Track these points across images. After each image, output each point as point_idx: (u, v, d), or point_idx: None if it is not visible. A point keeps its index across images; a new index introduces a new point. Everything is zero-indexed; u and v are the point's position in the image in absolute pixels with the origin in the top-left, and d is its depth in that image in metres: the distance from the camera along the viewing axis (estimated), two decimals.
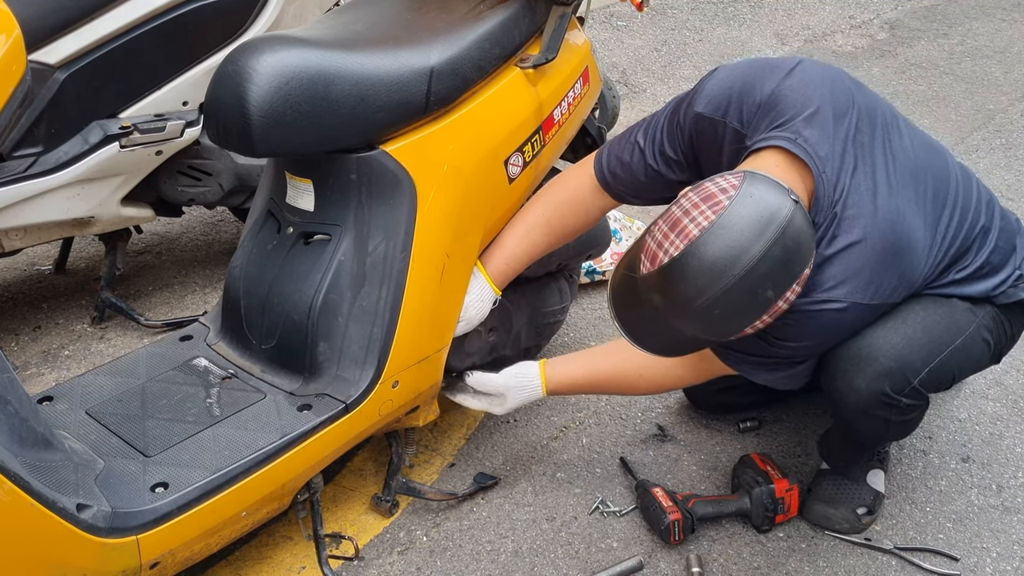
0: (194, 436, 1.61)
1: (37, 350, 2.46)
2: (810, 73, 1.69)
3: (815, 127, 1.62)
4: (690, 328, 1.51)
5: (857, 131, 1.65)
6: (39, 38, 2.11)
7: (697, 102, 1.74)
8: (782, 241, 1.44)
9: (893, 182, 1.63)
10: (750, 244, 1.43)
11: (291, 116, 1.58)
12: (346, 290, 1.71)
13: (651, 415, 2.23)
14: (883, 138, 1.67)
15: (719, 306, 1.45)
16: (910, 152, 1.69)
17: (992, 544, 1.89)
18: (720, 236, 1.43)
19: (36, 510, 1.29)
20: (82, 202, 2.28)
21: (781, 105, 1.64)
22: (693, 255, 1.44)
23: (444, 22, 1.82)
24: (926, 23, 4.91)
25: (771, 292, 1.46)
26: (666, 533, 1.85)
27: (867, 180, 1.61)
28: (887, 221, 1.60)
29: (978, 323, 1.75)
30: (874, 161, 1.64)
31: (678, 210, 1.49)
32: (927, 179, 1.69)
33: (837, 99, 1.66)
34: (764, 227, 1.43)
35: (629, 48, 4.55)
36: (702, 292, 1.44)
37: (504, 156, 1.86)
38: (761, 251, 1.42)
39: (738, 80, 1.71)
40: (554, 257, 2.07)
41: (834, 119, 1.63)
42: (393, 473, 1.95)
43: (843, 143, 1.62)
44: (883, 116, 1.70)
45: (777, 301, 1.47)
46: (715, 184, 1.49)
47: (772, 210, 1.44)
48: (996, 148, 3.57)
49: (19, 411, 1.35)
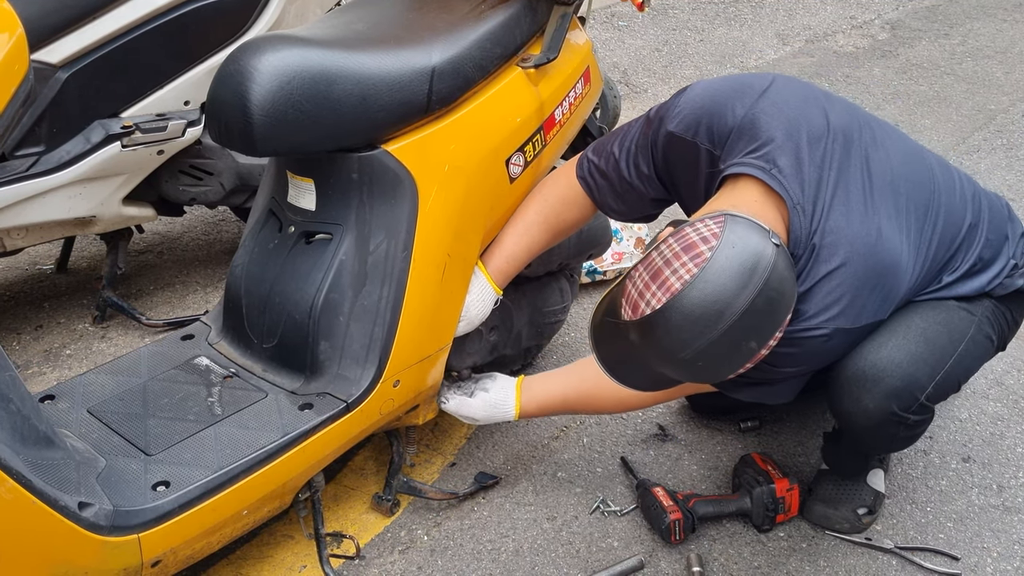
0: (195, 435, 1.61)
1: (39, 349, 2.46)
2: (783, 94, 1.67)
3: (789, 155, 1.60)
4: (673, 373, 1.52)
5: (832, 154, 1.63)
6: (41, 37, 2.11)
7: (669, 120, 1.72)
8: (765, 292, 1.43)
9: (870, 202, 1.62)
10: (732, 298, 1.41)
11: (293, 115, 1.58)
12: (347, 289, 1.71)
13: (652, 415, 2.24)
14: (860, 156, 1.65)
15: (702, 358, 1.45)
16: (887, 165, 1.67)
17: (993, 544, 1.89)
18: (702, 291, 1.42)
19: (38, 508, 1.30)
20: (84, 201, 2.28)
21: (754, 129, 1.62)
22: (676, 310, 1.43)
23: (445, 22, 1.82)
24: (927, 23, 4.92)
25: (754, 343, 1.46)
26: (667, 532, 1.85)
27: (843, 205, 1.60)
28: (866, 245, 1.58)
29: (977, 323, 1.75)
30: (850, 183, 1.62)
31: (659, 258, 1.47)
32: (907, 190, 1.67)
33: (812, 122, 1.64)
34: (747, 280, 1.42)
35: (630, 48, 4.55)
36: (685, 345, 1.44)
37: (505, 156, 1.86)
38: (744, 305, 1.42)
39: (710, 100, 1.69)
40: (555, 256, 2.07)
41: (809, 145, 1.62)
42: (394, 472, 1.95)
43: (818, 169, 1.61)
44: (859, 131, 1.68)
45: (760, 350, 1.48)
46: (696, 232, 1.47)
47: (754, 260, 1.43)
48: (997, 148, 3.57)
49: (21, 409, 1.35)
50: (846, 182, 1.62)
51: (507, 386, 1.91)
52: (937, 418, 2.21)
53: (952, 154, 3.51)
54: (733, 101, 1.66)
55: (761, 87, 1.67)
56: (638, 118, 1.82)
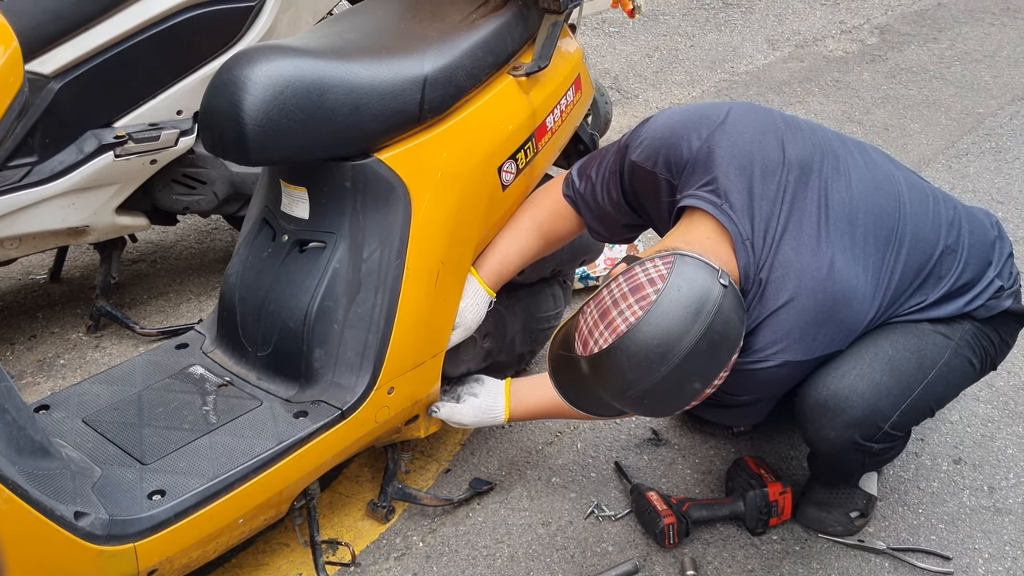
0: (191, 443, 1.62)
1: (32, 359, 2.46)
2: (739, 125, 1.67)
3: (741, 190, 1.61)
4: (622, 407, 1.55)
5: (786, 186, 1.63)
6: (34, 48, 2.12)
7: (632, 150, 1.75)
8: (708, 336, 1.45)
9: (824, 234, 1.61)
10: (675, 342, 1.44)
11: (286, 125, 1.59)
12: (341, 297, 1.72)
13: (645, 420, 2.25)
14: (817, 188, 1.64)
15: (648, 397, 1.48)
16: (847, 195, 1.66)
17: (984, 545, 1.90)
18: (646, 334, 1.44)
19: (34, 518, 1.30)
20: (77, 211, 2.29)
21: (709, 162, 1.64)
22: (620, 351, 1.46)
23: (437, 31, 1.83)
24: (916, 28, 4.94)
25: (698, 384, 1.49)
26: (661, 536, 1.86)
27: (794, 239, 1.60)
28: (815, 279, 1.58)
29: (954, 347, 1.73)
30: (803, 216, 1.61)
31: (608, 298, 1.50)
32: (866, 220, 1.65)
33: (767, 155, 1.64)
34: (690, 323, 1.44)
35: (621, 54, 4.57)
36: (631, 384, 1.47)
37: (498, 163, 1.87)
38: (687, 349, 1.44)
39: (668, 131, 1.71)
40: (548, 263, 2.08)
41: (763, 178, 1.62)
42: (389, 479, 1.96)
43: (771, 203, 1.61)
44: (821, 162, 1.67)
45: (705, 389, 1.50)
46: (645, 272, 1.50)
47: (699, 303, 1.45)
48: (986, 152, 3.59)
49: (17, 419, 1.36)
50: (799, 215, 1.62)
51: (496, 390, 1.91)
52: (928, 420, 2.22)
53: (941, 158, 3.53)
54: (690, 132, 1.68)
55: (718, 118, 1.68)
56: (616, 141, 1.84)
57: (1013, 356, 2.41)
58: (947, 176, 3.38)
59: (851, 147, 1.75)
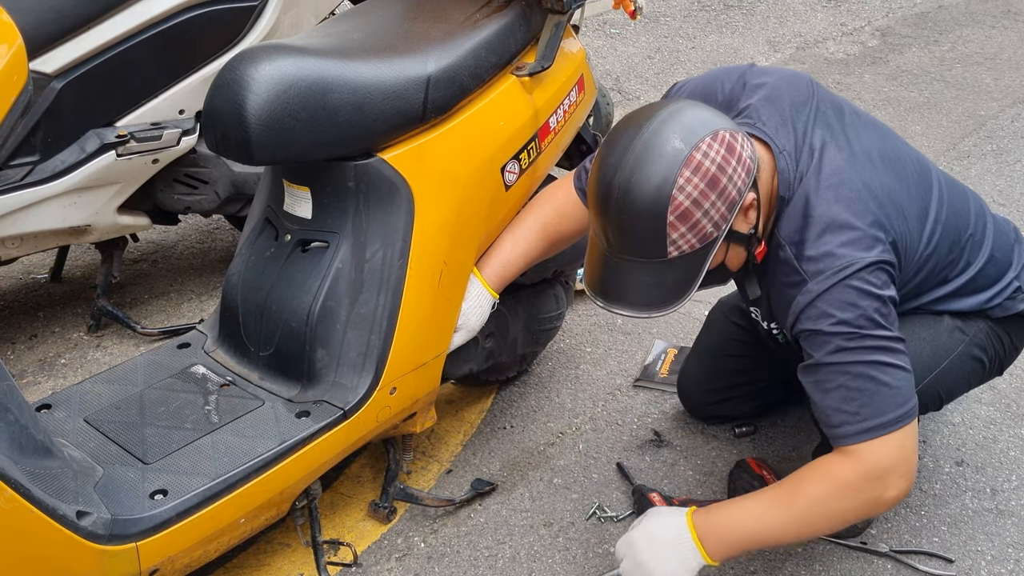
0: (193, 443, 1.62)
1: (33, 359, 2.46)
2: (768, 71, 1.75)
3: (773, 115, 1.64)
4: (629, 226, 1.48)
5: (821, 115, 1.66)
6: (36, 47, 2.11)
7: None
8: (683, 108, 1.50)
9: (873, 159, 1.62)
10: (648, 114, 1.50)
11: (289, 124, 1.58)
12: (344, 297, 1.71)
13: (647, 421, 2.25)
14: (853, 124, 1.68)
15: (633, 171, 1.46)
16: (883, 142, 1.68)
17: (987, 547, 1.90)
18: (622, 122, 1.53)
19: (36, 517, 1.30)
20: (78, 210, 2.29)
21: (743, 96, 1.69)
22: (602, 148, 1.53)
23: (441, 31, 1.83)
24: (917, 30, 4.95)
25: (678, 141, 1.45)
26: None
27: (840, 152, 1.60)
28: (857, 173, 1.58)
29: (968, 342, 1.75)
30: (848, 138, 1.63)
31: None
32: (910, 164, 1.68)
33: (797, 93, 1.69)
34: (662, 105, 1.52)
35: (623, 55, 4.57)
36: (614, 168, 1.48)
37: (500, 163, 1.87)
38: (659, 116, 1.48)
39: (700, 84, 1.78)
40: (550, 264, 2.08)
41: (793, 109, 1.66)
42: (391, 480, 1.95)
43: (804, 125, 1.64)
44: (851, 110, 1.72)
45: (692, 153, 1.44)
46: None
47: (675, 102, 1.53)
48: (987, 154, 3.59)
49: (19, 419, 1.35)
50: (845, 137, 1.64)
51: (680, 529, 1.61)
52: (930, 422, 2.22)
53: (942, 160, 3.53)
54: (721, 79, 1.75)
55: (744, 68, 1.76)
56: None
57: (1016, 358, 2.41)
58: None
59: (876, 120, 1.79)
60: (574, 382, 2.39)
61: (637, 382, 2.38)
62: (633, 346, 2.52)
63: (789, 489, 1.56)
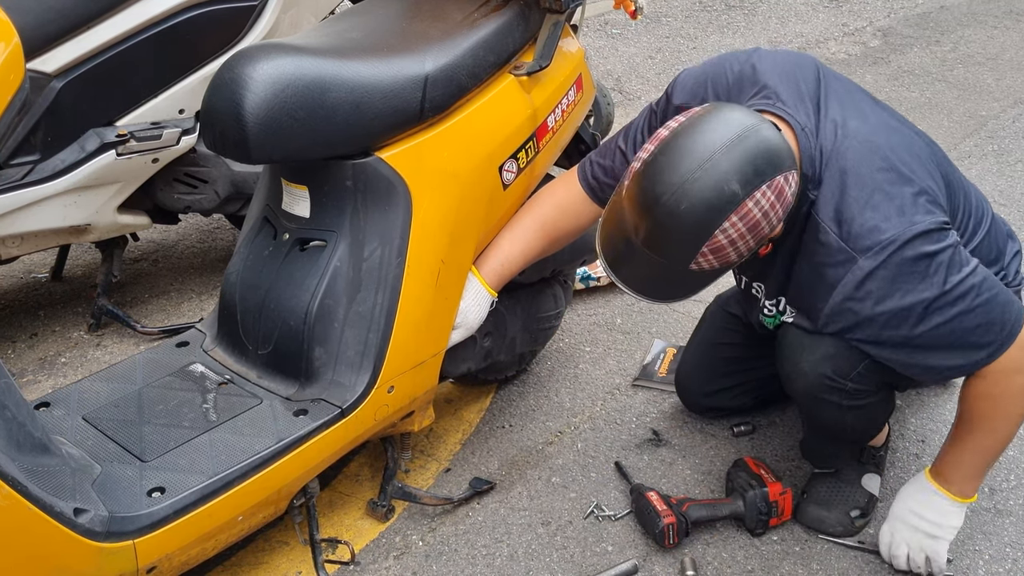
0: (191, 441, 1.62)
1: (34, 357, 2.46)
2: (773, 52, 1.78)
3: (790, 91, 1.67)
4: (663, 240, 1.51)
5: (832, 91, 1.69)
6: (36, 47, 2.12)
7: (675, 96, 1.81)
8: (750, 137, 1.48)
9: (892, 125, 1.66)
10: (716, 138, 1.48)
11: (287, 123, 1.59)
12: (342, 296, 1.72)
13: (646, 420, 2.25)
14: (862, 98, 1.72)
15: (685, 200, 1.46)
16: (892, 115, 1.72)
17: (985, 546, 1.90)
18: (689, 132, 1.50)
19: (34, 514, 1.30)
20: (79, 210, 2.29)
21: (754, 76, 1.72)
22: (662, 151, 1.51)
23: (439, 30, 1.83)
24: (919, 30, 4.94)
25: (737, 186, 1.46)
26: (660, 537, 1.86)
27: (863, 123, 1.64)
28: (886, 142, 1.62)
29: None
30: (863, 110, 1.67)
31: (661, 128, 1.56)
32: (919, 134, 1.72)
33: (804, 69, 1.72)
34: (730, 125, 1.49)
35: (624, 56, 4.57)
36: (668, 186, 1.47)
37: (499, 162, 1.87)
38: (726, 142, 1.46)
39: (708, 69, 1.80)
40: (549, 262, 2.08)
41: (805, 83, 1.68)
42: (389, 478, 1.96)
43: (819, 100, 1.66)
44: (854, 86, 1.75)
45: (746, 200, 1.46)
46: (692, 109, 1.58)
47: (742, 117, 1.51)
48: (988, 154, 3.59)
49: (17, 416, 1.36)
50: (856, 109, 1.67)
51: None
52: (929, 422, 2.22)
53: None
54: (729, 62, 1.78)
55: (750, 51, 1.79)
56: (638, 116, 1.88)
57: None
58: None
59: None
60: (573, 381, 2.39)
61: (636, 381, 2.38)
62: (632, 345, 2.52)
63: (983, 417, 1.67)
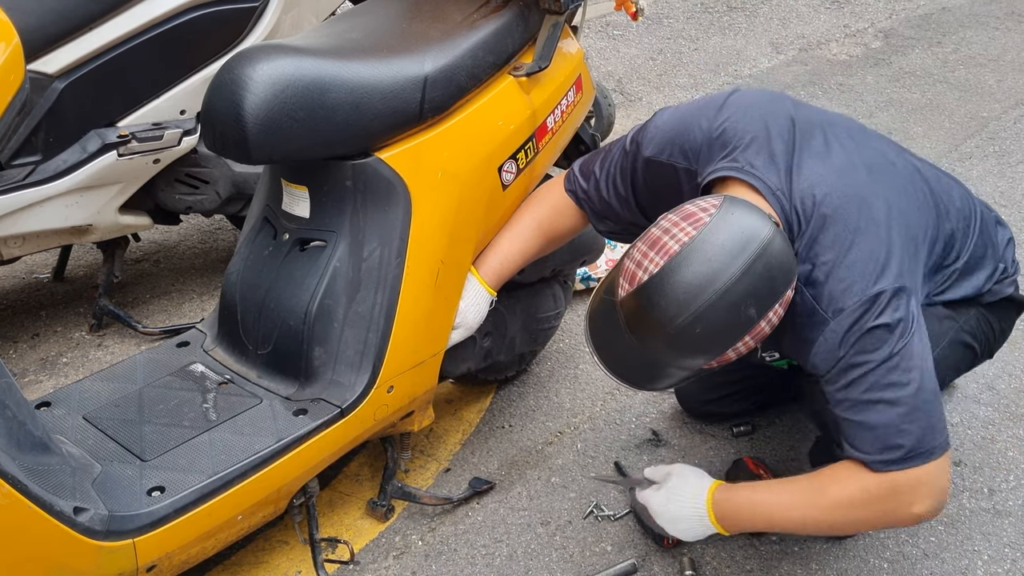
0: (190, 440, 1.63)
1: (35, 357, 2.47)
2: (746, 98, 1.70)
3: (760, 151, 1.61)
4: (669, 352, 1.48)
5: (805, 139, 1.63)
6: (38, 48, 2.13)
7: (644, 147, 1.76)
8: (765, 257, 1.42)
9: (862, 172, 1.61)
10: (731, 260, 1.41)
11: (287, 124, 1.59)
12: (341, 296, 1.72)
13: (645, 420, 2.25)
14: (835, 137, 1.65)
15: (700, 324, 1.41)
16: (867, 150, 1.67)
17: (983, 547, 1.90)
18: (701, 251, 1.41)
19: (34, 513, 1.31)
20: (80, 210, 2.30)
21: (724, 137, 1.65)
22: (673, 270, 1.42)
23: (438, 31, 1.84)
24: (920, 32, 4.94)
25: (754, 311, 1.43)
26: (660, 537, 1.86)
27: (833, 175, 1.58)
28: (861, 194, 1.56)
29: (957, 329, 1.76)
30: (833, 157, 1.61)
31: (657, 230, 1.48)
32: (898, 167, 1.68)
33: (778, 120, 1.66)
34: (745, 243, 1.42)
35: (625, 57, 4.58)
36: (682, 309, 1.41)
37: (498, 163, 1.87)
38: (743, 266, 1.41)
39: (677, 121, 1.73)
40: (548, 262, 2.09)
41: (780, 137, 1.63)
42: (389, 478, 1.96)
43: (790, 156, 1.61)
44: (827, 122, 1.69)
45: (759, 321, 1.44)
46: (695, 204, 1.49)
47: (753, 228, 1.43)
48: (989, 155, 3.59)
49: (17, 415, 1.36)
50: (826, 157, 1.61)
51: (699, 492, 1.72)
52: None
53: (944, 161, 3.53)
54: (699, 117, 1.70)
55: (723, 98, 1.72)
56: (620, 139, 1.85)
57: (1014, 359, 2.41)
58: None
59: (863, 128, 1.77)
60: (572, 381, 2.39)
61: None
62: None
63: (816, 487, 1.58)
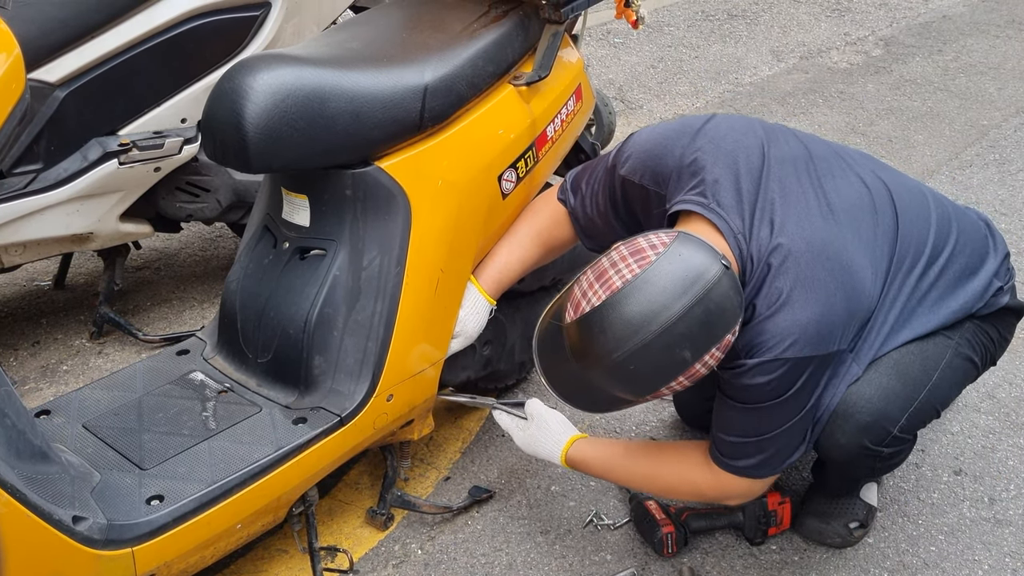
0: (190, 449, 1.63)
1: (36, 365, 2.47)
2: (721, 130, 1.70)
3: (728, 189, 1.61)
4: (605, 381, 1.50)
5: (773, 179, 1.63)
6: (40, 57, 2.13)
7: (620, 166, 1.77)
8: (705, 303, 1.42)
9: (825, 215, 1.61)
10: (671, 302, 1.41)
11: (287, 133, 1.60)
12: (341, 304, 1.72)
13: (645, 428, 2.25)
14: (810, 181, 1.64)
15: (634, 362, 1.43)
16: (836, 184, 1.66)
17: (984, 556, 1.90)
18: (642, 291, 1.42)
19: (32, 522, 1.31)
20: (81, 218, 2.30)
21: (694, 167, 1.65)
22: (613, 307, 1.43)
23: (438, 40, 1.84)
24: (921, 40, 4.95)
25: (688, 353, 1.43)
26: (659, 545, 1.86)
27: (792, 222, 1.58)
28: (817, 248, 1.56)
29: (955, 346, 1.74)
30: (800, 204, 1.61)
31: (607, 261, 1.49)
32: (866, 202, 1.67)
33: (750, 155, 1.65)
34: (688, 286, 1.42)
35: (626, 65, 4.58)
36: (618, 345, 1.43)
37: (498, 172, 1.88)
38: (681, 310, 1.41)
39: (652, 144, 1.73)
40: (548, 272, 2.09)
41: (748, 176, 1.63)
42: (388, 486, 1.96)
43: (754, 196, 1.61)
44: (806, 161, 1.68)
45: (694, 364, 1.45)
46: (646, 239, 1.49)
47: (698, 271, 1.44)
48: (990, 163, 3.59)
49: (16, 424, 1.36)
50: (796, 205, 1.61)
51: (561, 433, 1.86)
52: (929, 431, 2.22)
53: (945, 169, 3.53)
54: (673, 144, 1.70)
55: (698, 126, 1.71)
56: (605, 155, 1.85)
57: (1015, 368, 2.40)
58: (950, 188, 3.38)
59: (843, 154, 1.76)
60: None
61: None
62: None
63: (656, 462, 1.80)
